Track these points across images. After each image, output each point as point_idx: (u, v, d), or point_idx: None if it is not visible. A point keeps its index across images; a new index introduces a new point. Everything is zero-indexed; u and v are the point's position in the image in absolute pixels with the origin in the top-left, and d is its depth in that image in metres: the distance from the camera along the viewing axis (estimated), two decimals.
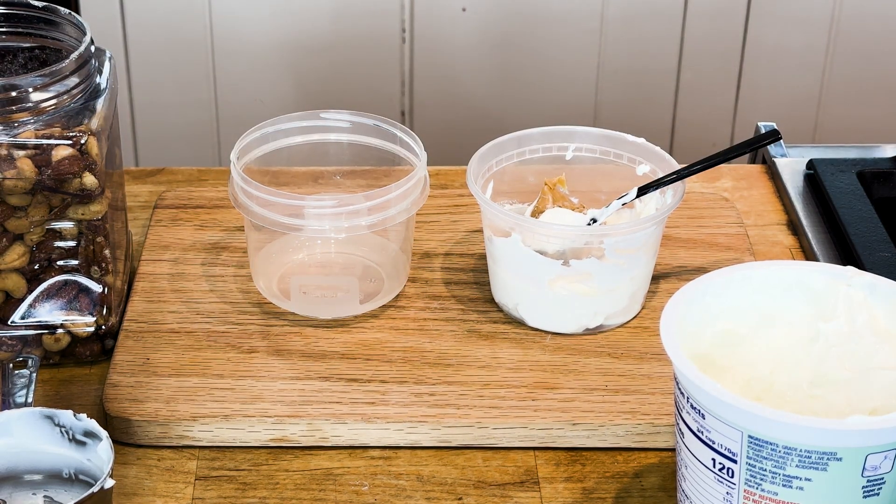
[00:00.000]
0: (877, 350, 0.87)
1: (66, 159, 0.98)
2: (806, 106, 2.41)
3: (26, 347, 1.03)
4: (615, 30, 2.33)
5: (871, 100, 2.39)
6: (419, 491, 0.94)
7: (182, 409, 0.98)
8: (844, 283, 0.88)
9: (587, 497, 0.94)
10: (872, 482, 0.78)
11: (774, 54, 2.35)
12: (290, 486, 0.95)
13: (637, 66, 2.37)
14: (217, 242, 1.16)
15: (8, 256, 1.01)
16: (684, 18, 2.34)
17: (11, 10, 1.07)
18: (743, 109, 2.43)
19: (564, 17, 2.32)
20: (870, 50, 2.34)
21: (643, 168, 1.11)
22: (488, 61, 2.30)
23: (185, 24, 1.86)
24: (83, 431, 0.89)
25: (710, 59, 2.37)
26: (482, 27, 2.29)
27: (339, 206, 1.03)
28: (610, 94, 2.40)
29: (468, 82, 2.35)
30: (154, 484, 0.95)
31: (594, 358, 1.03)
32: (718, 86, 2.40)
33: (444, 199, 1.21)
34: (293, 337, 1.05)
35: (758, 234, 1.20)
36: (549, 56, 2.36)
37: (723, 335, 0.88)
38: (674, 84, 2.40)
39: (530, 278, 1.04)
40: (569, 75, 2.37)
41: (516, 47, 2.33)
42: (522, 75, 2.35)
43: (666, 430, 0.97)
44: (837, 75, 2.37)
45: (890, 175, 1.25)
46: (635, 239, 1.04)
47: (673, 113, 2.43)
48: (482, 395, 1.00)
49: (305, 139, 1.13)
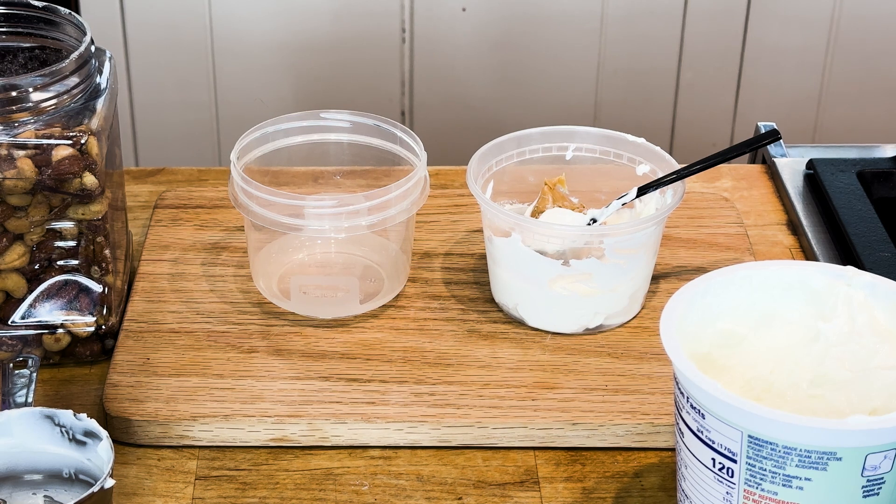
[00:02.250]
0: (877, 350, 0.87)
1: (66, 159, 0.98)
2: (806, 106, 2.41)
3: (26, 347, 1.03)
4: (615, 30, 2.33)
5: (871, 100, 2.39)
6: (419, 491, 0.94)
7: (182, 408, 0.98)
8: (844, 283, 0.88)
9: (587, 497, 0.94)
10: (872, 482, 0.78)
11: (774, 54, 2.35)
12: (290, 485, 0.95)
13: (637, 66, 2.37)
14: (217, 242, 1.16)
15: (8, 256, 1.01)
16: (684, 18, 2.34)
17: (11, 10, 1.07)
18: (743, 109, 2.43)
19: (564, 17, 2.32)
20: (870, 50, 2.34)
21: (643, 168, 1.11)
22: (488, 61, 2.30)
23: (185, 24, 1.86)
24: (83, 431, 0.89)
25: (710, 59, 2.37)
26: (482, 27, 2.29)
27: (339, 206, 1.03)
28: (610, 94, 2.40)
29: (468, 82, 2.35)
30: (154, 484, 0.95)
31: (594, 358, 1.03)
32: (718, 86, 2.40)
33: (444, 199, 1.21)
34: (293, 337, 1.05)
35: (758, 234, 1.20)
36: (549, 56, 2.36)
37: (723, 335, 0.88)
38: (674, 84, 2.40)
39: (530, 278, 1.04)
40: (569, 75, 2.37)
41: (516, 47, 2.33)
42: (522, 75, 2.35)
43: (666, 429, 0.97)
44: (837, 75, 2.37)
45: (890, 175, 1.25)
46: (635, 239, 1.04)
47: (673, 113, 2.43)
48: (482, 394, 1.00)
49: (305, 139, 1.13)
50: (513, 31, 2.31)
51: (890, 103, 2.39)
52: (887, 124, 2.40)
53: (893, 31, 2.33)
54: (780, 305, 0.89)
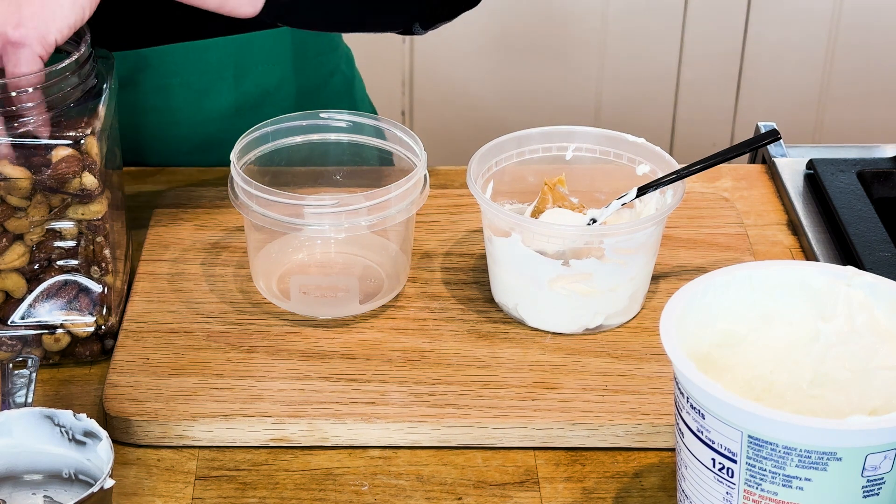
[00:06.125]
0: (877, 350, 0.87)
1: (66, 159, 0.98)
2: (806, 106, 2.41)
3: (26, 347, 1.03)
4: (615, 30, 2.33)
5: (872, 100, 2.39)
6: (419, 491, 0.94)
7: (182, 408, 0.98)
8: (844, 283, 0.88)
9: (587, 497, 0.94)
10: (872, 482, 0.78)
11: (775, 54, 2.35)
12: (289, 486, 0.95)
13: (637, 66, 2.37)
14: (217, 242, 1.16)
15: (8, 256, 1.01)
16: (684, 18, 2.33)
17: None
18: (743, 109, 2.43)
19: (565, 18, 2.32)
20: (870, 50, 2.34)
21: (643, 168, 1.11)
22: (488, 61, 2.30)
23: None
24: (83, 431, 0.89)
25: (710, 59, 2.37)
26: (482, 27, 2.29)
27: (339, 206, 1.03)
28: (610, 94, 2.40)
29: (468, 82, 2.35)
30: (154, 484, 0.95)
31: (594, 358, 1.03)
32: (718, 86, 2.40)
33: (444, 199, 1.21)
34: (293, 337, 1.05)
35: (758, 234, 1.20)
36: (550, 56, 2.35)
37: (723, 335, 0.88)
38: (674, 84, 2.40)
39: (530, 278, 1.04)
40: (569, 75, 2.37)
41: (516, 47, 2.33)
42: (522, 75, 2.35)
43: (666, 429, 0.97)
44: (838, 75, 2.37)
45: (890, 175, 1.25)
46: (635, 239, 1.04)
47: (673, 113, 2.43)
48: (482, 394, 1.00)
49: (305, 139, 1.13)
50: (513, 31, 2.31)
51: (890, 103, 2.39)
52: (887, 124, 2.40)
53: (893, 31, 2.33)
54: (780, 305, 0.89)
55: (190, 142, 1.31)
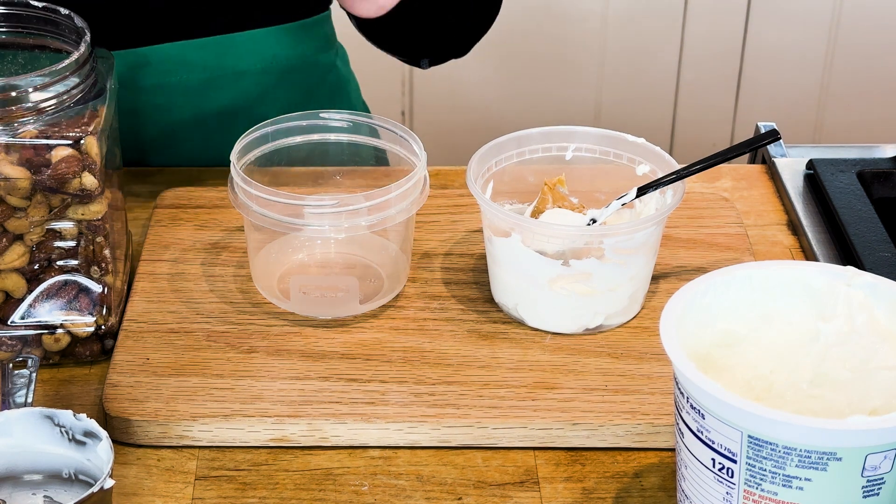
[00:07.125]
0: (877, 350, 0.87)
1: (66, 159, 0.98)
2: (806, 106, 2.41)
3: (26, 347, 1.03)
4: (616, 30, 2.33)
5: (871, 100, 2.39)
6: (419, 491, 0.94)
7: (182, 408, 0.98)
8: (844, 283, 0.88)
9: (587, 497, 0.94)
10: (872, 482, 0.78)
11: (774, 54, 2.35)
12: (289, 486, 0.95)
13: (637, 66, 2.37)
14: (217, 242, 1.16)
15: (8, 256, 1.01)
16: (684, 18, 2.33)
17: (11, 10, 1.07)
18: (743, 109, 2.43)
19: (565, 18, 2.32)
20: (870, 50, 2.34)
21: (643, 168, 1.11)
22: (488, 61, 2.30)
23: None
24: (83, 431, 0.89)
25: (710, 59, 2.37)
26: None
27: (339, 206, 1.03)
28: (610, 94, 2.40)
29: (468, 82, 2.35)
30: (154, 484, 0.95)
31: (594, 358, 1.03)
32: (718, 86, 2.40)
33: (444, 199, 1.21)
34: (293, 337, 1.05)
35: (758, 234, 1.20)
36: (550, 56, 2.36)
37: (723, 335, 0.88)
38: (674, 84, 2.40)
39: (530, 278, 1.04)
40: (569, 75, 2.37)
41: (516, 48, 2.33)
42: (522, 75, 2.35)
43: (666, 430, 0.97)
44: (838, 75, 2.37)
45: (890, 175, 1.25)
46: (635, 239, 1.04)
47: (673, 113, 2.43)
48: (482, 395, 1.00)
49: (305, 139, 1.13)
50: (513, 31, 2.31)
51: (890, 103, 2.39)
52: (887, 124, 2.40)
53: (893, 31, 2.33)
54: (780, 305, 0.89)
55: (190, 142, 1.31)
